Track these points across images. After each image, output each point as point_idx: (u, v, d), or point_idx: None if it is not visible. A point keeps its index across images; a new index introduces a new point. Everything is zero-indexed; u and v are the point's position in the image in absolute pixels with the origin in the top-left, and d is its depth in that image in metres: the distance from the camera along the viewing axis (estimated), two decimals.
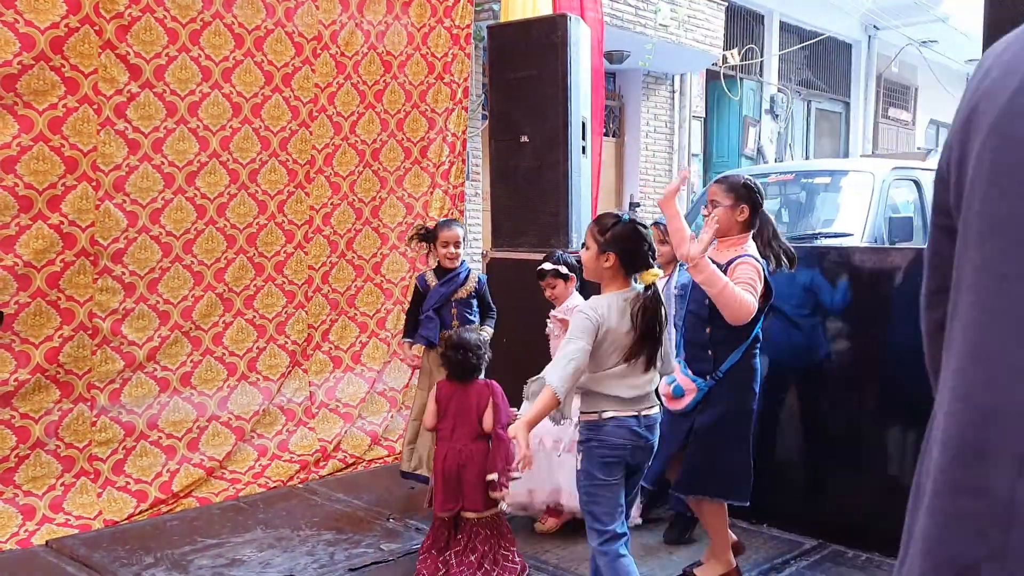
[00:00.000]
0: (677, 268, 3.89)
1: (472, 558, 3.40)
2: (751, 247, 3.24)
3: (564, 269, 4.04)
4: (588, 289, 4.17)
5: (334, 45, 5.04)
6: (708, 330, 3.24)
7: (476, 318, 4.28)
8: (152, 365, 4.46)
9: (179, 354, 4.56)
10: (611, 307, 2.73)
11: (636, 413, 2.79)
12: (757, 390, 3.34)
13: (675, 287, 3.86)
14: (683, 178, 3.20)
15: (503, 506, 3.57)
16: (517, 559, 3.50)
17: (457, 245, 4.21)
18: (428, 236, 4.28)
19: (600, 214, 2.90)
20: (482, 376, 3.61)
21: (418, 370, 4.39)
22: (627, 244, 2.73)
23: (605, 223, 2.77)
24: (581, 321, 2.69)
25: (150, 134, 4.38)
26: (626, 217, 2.78)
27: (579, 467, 2.78)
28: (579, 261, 4.10)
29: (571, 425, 3.09)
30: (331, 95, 5.07)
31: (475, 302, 4.28)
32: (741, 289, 3.03)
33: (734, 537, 3.48)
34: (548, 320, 4.16)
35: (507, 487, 3.45)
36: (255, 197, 4.81)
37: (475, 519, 3.45)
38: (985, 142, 0.92)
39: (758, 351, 3.33)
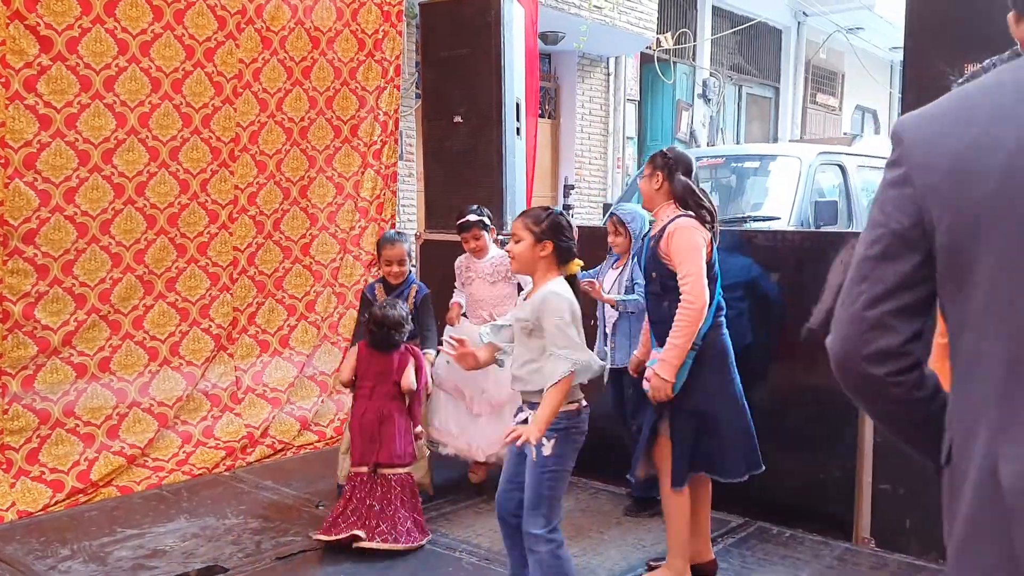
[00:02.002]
0: (631, 260, 3.91)
1: (388, 511, 3.61)
2: (675, 211, 3.23)
3: (487, 220, 4.20)
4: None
5: (259, 19, 4.89)
6: (666, 304, 3.20)
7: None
8: (68, 350, 4.30)
9: (97, 339, 4.40)
10: (569, 290, 2.79)
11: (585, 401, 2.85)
12: (727, 358, 3.26)
13: (626, 280, 3.90)
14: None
15: (423, 446, 3.99)
16: (424, 523, 3.75)
17: (401, 263, 4.14)
18: (377, 253, 4.26)
19: (527, 209, 2.96)
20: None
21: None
22: (561, 233, 2.80)
23: (539, 215, 2.82)
24: (570, 306, 2.73)
25: (63, 109, 4.19)
26: (557, 209, 2.87)
27: (548, 453, 2.71)
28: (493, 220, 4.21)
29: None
30: (256, 71, 4.92)
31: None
32: (683, 304, 3.04)
33: (711, 555, 3.40)
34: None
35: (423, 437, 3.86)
36: (176, 176, 4.65)
37: (391, 475, 3.67)
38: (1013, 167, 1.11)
39: (724, 323, 3.27)
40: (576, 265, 2.85)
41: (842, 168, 7.02)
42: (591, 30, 9.99)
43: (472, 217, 4.17)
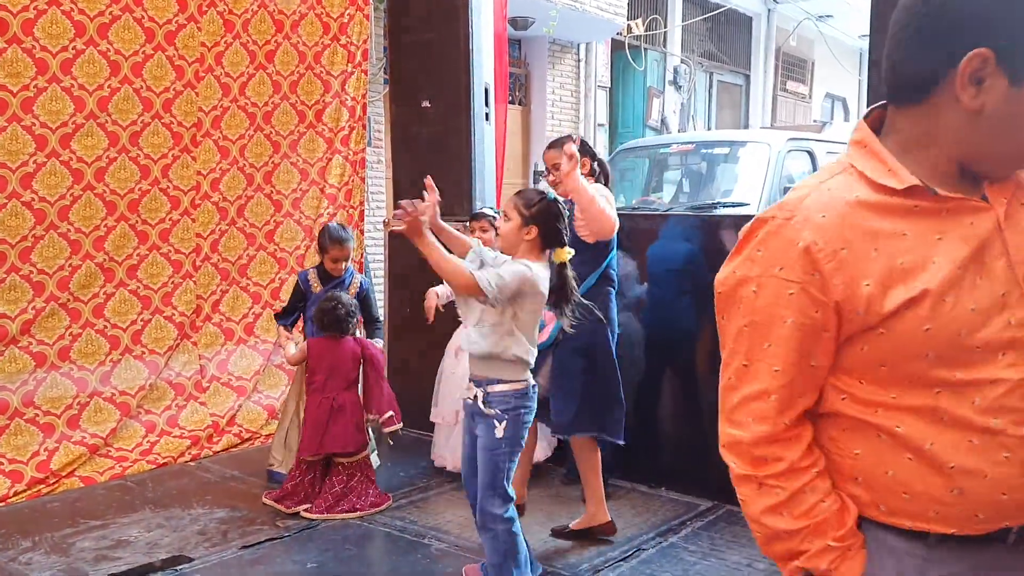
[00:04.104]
0: None
1: (337, 489, 3.81)
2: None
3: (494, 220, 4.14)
4: None
5: (221, 2, 4.80)
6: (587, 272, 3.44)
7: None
8: (26, 339, 4.22)
9: (56, 327, 4.32)
10: (544, 274, 2.80)
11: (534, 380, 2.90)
12: (615, 329, 3.54)
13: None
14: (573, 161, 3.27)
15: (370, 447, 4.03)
16: (381, 492, 3.93)
17: (347, 259, 4.12)
18: (320, 246, 4.17)
19: (524, 189, 2.98)
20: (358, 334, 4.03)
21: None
22: (549, 220, 2.81)
23: (531, 198, 2.84)
24: (521, 269, 2.71)
25: (19, 93, 4.09)
26: (551, 196, 2.87)
27: (500, 435, 2.78)
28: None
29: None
30: (219, 55, 4.83)
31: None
32: (605, 204, 3.33)
33: (607, 517, 3.56)
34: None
35: (399, 421, 3.87)
36: (137, 161, 4.56)
37: (346, 462, 3.83)
38: None
39: (613, 291, 3.53)
40: (565, 253, 2.85)
41: (811, 154, 7.06)
42: (561, 16, 9.94)
43: (487, 210, 4.16)
